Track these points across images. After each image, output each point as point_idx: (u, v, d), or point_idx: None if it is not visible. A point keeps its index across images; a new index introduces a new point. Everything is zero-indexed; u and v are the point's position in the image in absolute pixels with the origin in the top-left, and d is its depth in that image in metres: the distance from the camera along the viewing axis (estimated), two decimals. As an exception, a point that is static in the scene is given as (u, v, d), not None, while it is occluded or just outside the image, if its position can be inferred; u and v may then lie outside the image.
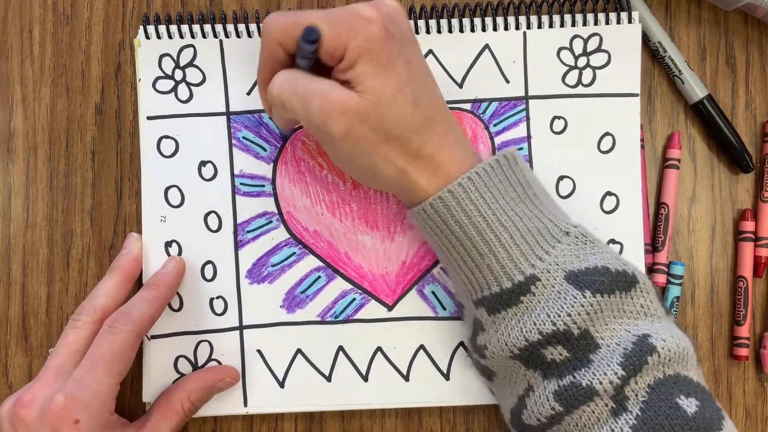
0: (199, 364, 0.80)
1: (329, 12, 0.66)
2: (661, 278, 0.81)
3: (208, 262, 0.80)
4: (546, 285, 0.66)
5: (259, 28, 0.79)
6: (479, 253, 0.68)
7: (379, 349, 0.80)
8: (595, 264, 0.67)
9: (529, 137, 0.80)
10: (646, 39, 0.81)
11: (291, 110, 0.67)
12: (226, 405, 0.80)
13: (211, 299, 0.80)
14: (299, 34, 0.65)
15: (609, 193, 0.79)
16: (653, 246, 0.81)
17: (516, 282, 0.67)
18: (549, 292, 0.66)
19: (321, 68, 0.67)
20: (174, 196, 0.80)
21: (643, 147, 0.81)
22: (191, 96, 0.80)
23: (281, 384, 0.80)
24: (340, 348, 0.80)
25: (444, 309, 0.80)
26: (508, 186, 0.69)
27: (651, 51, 0.82)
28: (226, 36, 0.80)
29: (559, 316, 0.65)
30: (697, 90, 0.81)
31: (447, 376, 0.80)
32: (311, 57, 0.66)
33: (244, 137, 0.80)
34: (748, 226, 0.81)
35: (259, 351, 0.80)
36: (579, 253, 0.68)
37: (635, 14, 0.79)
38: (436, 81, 0.71)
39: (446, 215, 0.68)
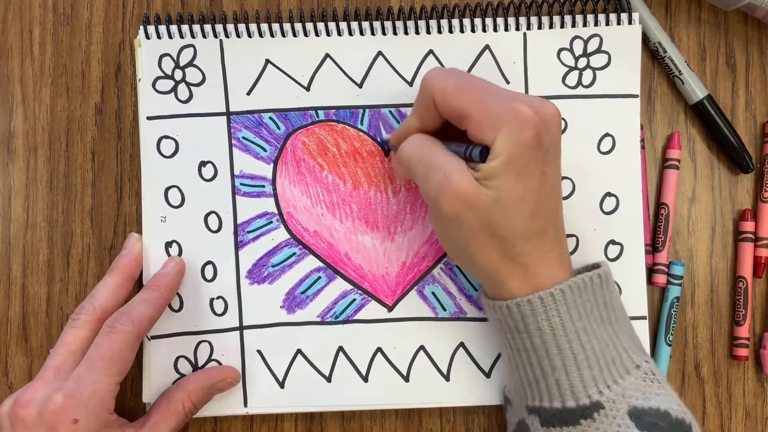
0: (199, 365, 0.80)
1: (490, 96, 0.66)
2: (661, 278, 0.81)
3: (209, 262, 0.80)
4: (608, 415, 0.66)
5: (259, 28, 0.79)
6: (551, 365, 0.68)
7: (379, 349, 0.80)
8: (659, 406, 0.67)
9: (529, 138, 0.80)
10: (646, 39, 0.81)
11: (414, 175, 0.69)
12: (226, 405, 0.80)
13: (212, 299, 0.80)
14: (457, 107, 0.67)
15: (609, 194, 0.79)
16: (653, 246, 0.81)
17: (580, 405, 0.67)
18: (610, 422, 0.66)
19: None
20: (174, 197, 0.80)
21: (643, 147, 0.81)
22: (191, 96, 0.80)
23: (281, 384, 0.80)
24: (340, 348, 0.80)
25: (444, 310, 0.80)
26: (594, 307, 0.69)
27: (651, 51, 0.82)
28: (227, 36, 0.80)
29: None
30: (697, 90, 0.81)
31: (447, 377, 0.80)
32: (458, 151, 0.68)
33: (244, 137, 0.80)
34: (748, 226, 0.81)
35: (259, 351, 0.80)
36: (645, 389, 0.68)
37: (635, 15, 0.79)
38: (561, 193, 0.71)
39: (529, 319, 0.68)
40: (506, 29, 0.80)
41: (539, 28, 0.80)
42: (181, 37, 0.80)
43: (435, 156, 0.67)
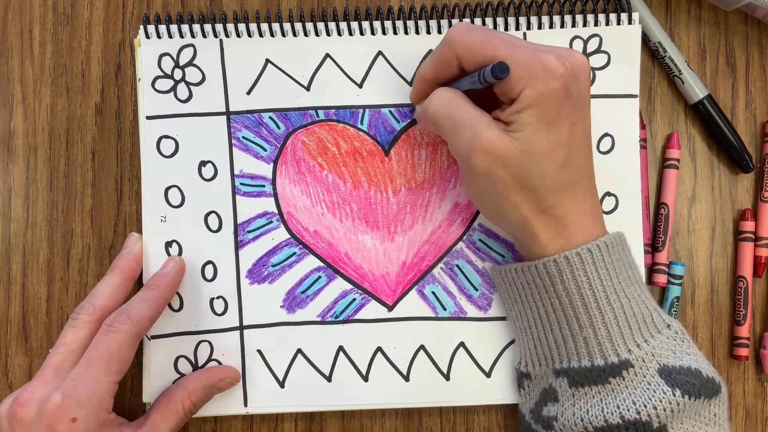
0: (200, 364, 0.80)
1: (516, 48, 0.65)
2: (661, 278, 0.81)
3: (209, 262, 0.80)
4: (638, 373, 0.66)
5: (259, 28, 0.79)
6: (579, 324, 0.68)
7: (379, 349, 0.80)
8: (689, 364, 0.67)
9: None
10: (646, 39, 0.81)
11: (441, 132, 0.69)
12: (226, 405, 0.80)
13: (212, 299, 0.80)
14: (482, 59, 0.66)
15: (608, 194, 0.79)
16: (653, 246, 0.81)
17: (609, 362, 0.67)
18: (639, 380, 0.66)
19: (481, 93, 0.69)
20: (174, 196, 0.80)
21: (644, 147, 0.81)
22: (191, 95, 0.80)
23: (281, 384, 0.80)
24: (341, 348, 0.80)
25: (444, 309, 0.80)
26: (622, 266, 0.69)
27: (651, 51, 0.82)
28: (227, 36, 0.80)
29: (645, 406, 0.65)
30: (697, 90, 0.81)
31: (447, 377, 0.80)
32: (483, 86, 0.67)
33: (244, 137, 0.80)
34: (748, 226, 0.81)
35: (259, 351, 0.80)
36: (675, 348, 0.68)
37: (635, 15, 0.79)
38: (591, 146, 0.71)
39: (556, 278, 0.68)
40: (506, 29, 0.80)
41: (539, 28, 0.80)
42: (181, 36, 0.80)
43: (463, 112, 0.67)
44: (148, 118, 0.80)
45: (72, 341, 0.73)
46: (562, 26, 0.80)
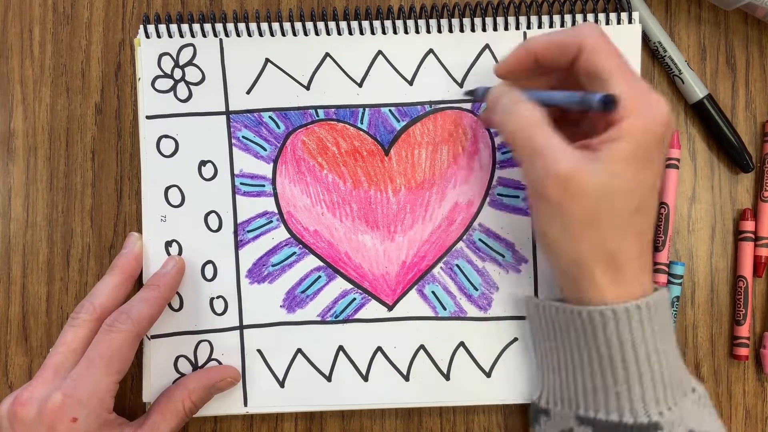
0: (199, 364, 0.80)
1: (633, 77, 0.65)
2: (661, 278, 0.81)
3: (209, 261, 0.80)
4: None
5: (259, 27, 0.79)
6: (614, 378, 0.66)
7: (379, 349, 0.80)
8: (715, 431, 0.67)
9: (529, 137, 0.80)
10: (646, 39, 0.81)
11: (516, 150, 0.67)
12: (226, 405, 0.80)
13: (212, 299, 0.80)
14: (596, 69, 0.65)
15: (609, 193, 0.79)
16: (653, 246, 0.81)
17: (638, 422, 0.66)
18: None
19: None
20: (174, 196, 0.80)
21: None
22: (190, 95, 0.80)
23: (281, 384, 0.80)
24: (341, 348, 0.80)
25: (444, 309, 0.80)
26: (664, 326, 0.67)
27: (651, 51, 0.82)
28: (226, 35, 0.80)
29: None
30: (697, 90, 0.81)
31: (447, 376, 0.80)
32: (579, 110, 0.66)
33: (243, 137, 0.80)
34: (748, 225, 0.81)
35: (259, 351, 0.80)
36: (700, 413, 0.68)
37: (635, 15, 0.79)
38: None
39: (600, 329, 0.66)
40: (506, 29, 0.80)
41: (539, 27, 0.80)
42: (181, 36, 0.80)
43: (545, 136, 0.64)
44: (148, 117, 0.80)
45: (72, 341, 0.73)
46: (562, 25, 0.80)
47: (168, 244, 0.80)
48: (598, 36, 0.66)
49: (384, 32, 0.80)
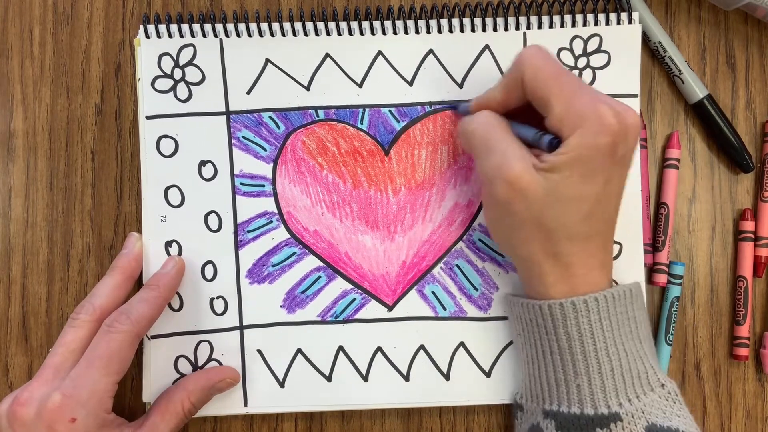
0: (200, 364, 0.80)
1: (577, 93, 0.66)
2: (661, 278, 0.81)
3: (209, 262, 0.80)
4: (625, 428, 0.66)
5: (259, 27, 0.79)
6: (575, 370, 0.68)
7: (379, 349, 0.80)
8: (677, 427, 0.67)
9: (529, 137, 0.80)
10: (646, 39, 0.81)
11: (474, 151, 0.70)
12: (226, 405, 0.80)
13: (212, 299, 0.80)
14: (542, 93, 0.67)
15: (609, 194, 0.79)
16: (653, 246, 0.81)
17: (599, 413, 0.67)
18: None
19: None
20: (174, 196, 0.80)
21: (645, 147, 0.81)
22: (190, 95, 0.80)
23: (281, 384, 0.80)
24: (341, 348, 0.80)
25: (444, 309, 0.80)
26: (625, 320, 0.69)
27: (651, 51, 0.82)
28: (227, 35, 0.80)
29: None
30: (697, 90, 0.81)
31: (447, 377, 0.80)
32: (535, 144, 0.69)
33: (243, 137, 0.80)
34: (748, 225, 0.81)
35: (259, 351, 0.80)
36: (666, 409, 0.68)
37: (635, 15, 0.79)
38: (620, 201, 0.71)
39: (559, 322, 0.68)
40: (506, 29, 0.80)
41: (539, 27, 0.80)
42: (181, 36, 0.80)
43: (498, 139, 0.67)
44: (148, 117, 0.80)
45: (72, 341, 0.73)
46: (561, 26, 0.80)
47: (168, 244, 0.80)
48: (535, 61, 0.68)
49: (384, 33, 0.80)
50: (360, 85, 0.80)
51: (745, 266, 0.82)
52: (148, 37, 0.80)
